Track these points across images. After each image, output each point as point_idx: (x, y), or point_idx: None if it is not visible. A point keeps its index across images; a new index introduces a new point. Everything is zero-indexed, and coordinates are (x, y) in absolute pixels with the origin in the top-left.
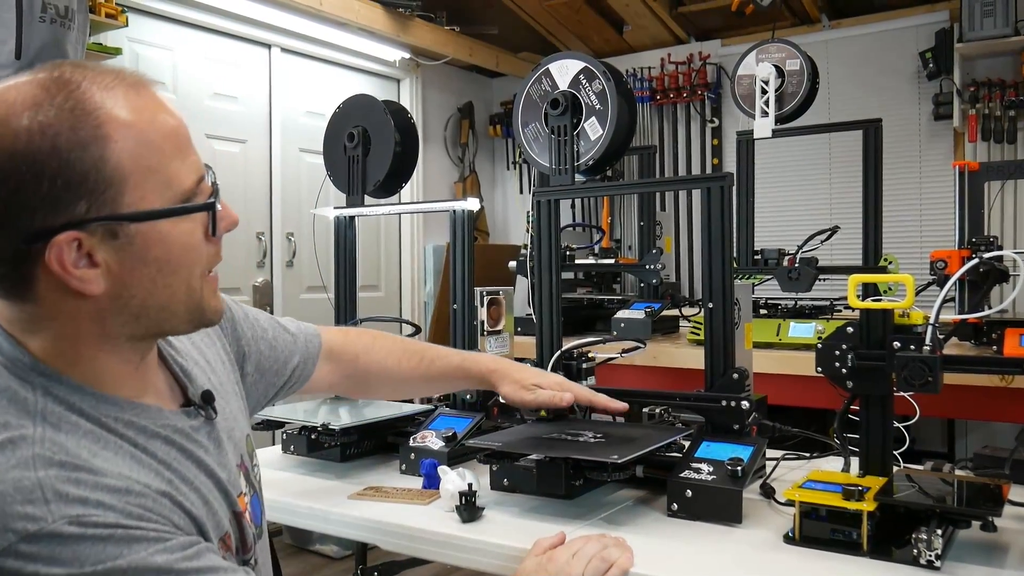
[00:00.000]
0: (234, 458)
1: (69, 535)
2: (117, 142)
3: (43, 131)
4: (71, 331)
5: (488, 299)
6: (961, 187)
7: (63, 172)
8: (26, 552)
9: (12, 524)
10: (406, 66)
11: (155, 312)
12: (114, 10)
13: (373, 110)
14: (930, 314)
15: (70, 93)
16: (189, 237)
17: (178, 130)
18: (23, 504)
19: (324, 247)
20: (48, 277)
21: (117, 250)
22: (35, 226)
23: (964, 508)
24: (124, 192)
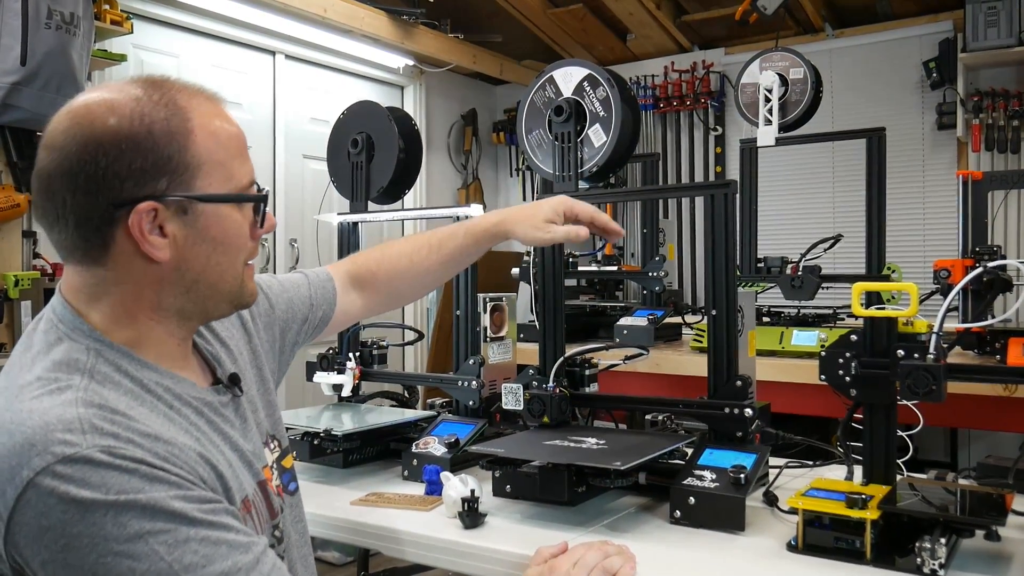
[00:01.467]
0: (259, 435)
1: (100, 461)
2: (197, 136)
3: (142, 118)
4: (132, 297)
5: (491, 305)
6: (965, 196)
7: (153, 152)
8: (61, 472)
9: (52, 448)
10: (410, 73)
11: (204, 288)
12: (119, 17)
13: (377, 116)
14: (933, 323)
15: (165, 93)
16: (239, 227)
17: (240, 137)
18: (63, 432)
19: (327, 253)
20: (124, 242)
21: (184, 225)
22: (124, 194)
23: (968, 517)
24: (197, 177)
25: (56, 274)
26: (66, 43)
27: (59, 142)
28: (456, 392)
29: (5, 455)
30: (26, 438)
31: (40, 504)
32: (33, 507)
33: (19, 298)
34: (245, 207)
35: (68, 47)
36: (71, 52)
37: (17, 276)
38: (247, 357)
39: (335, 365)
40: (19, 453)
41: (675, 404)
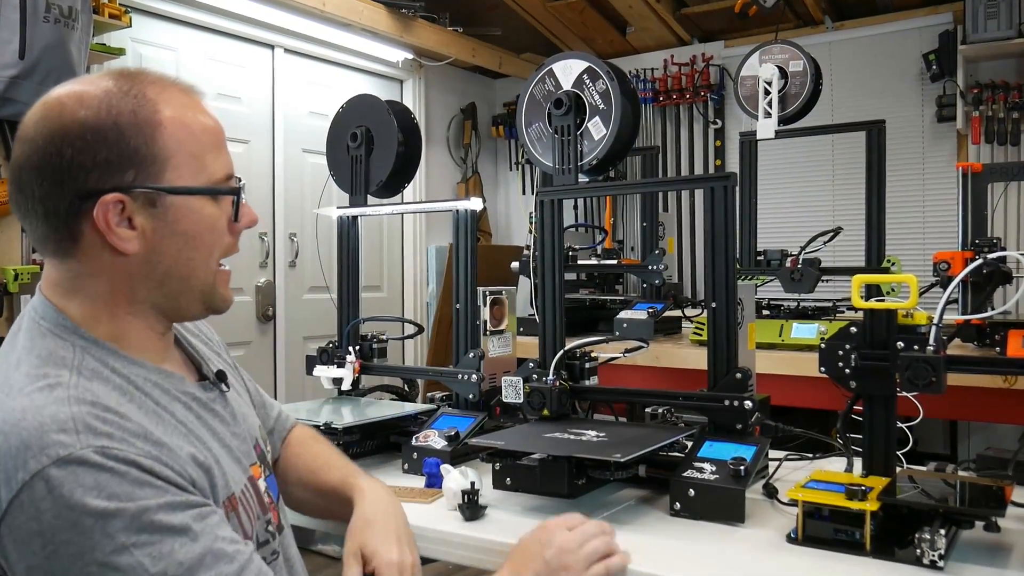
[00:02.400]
0: (249, 436)
1: (93, 463)
2: (166, 128)
3: (109, 110)
4: (106, 290)
5: (491, 299)
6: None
7: (119, 144)
8: (56, 476)
9: (47, 449)
10: (409, 67)
11: (176, 283)
12: (117, 10)
13: (376, 110)
14: (933, 315)
15: (134, 85)
16: (214, 221)
17: (215, 130)
18: (57, 432)
19: (327, 247)
20: (92, 234)
21: (153, 217)
22: (89, 185)
23: (967, 508)
24: (166, 170)
25: None
26: (64, 37)
27: (30, 134)
28: (456, 385)
29: (9, 452)
30: (21, 440)
31: (32, 508)
32: (26, 510)
33: (19, 292)
34: (222, 201)
35: (66, 41)
36: (69, 46)
37: (16, 270)
38: (229, 361)
39: (335, 359)
40: (15, 456)
41: (675, 397)
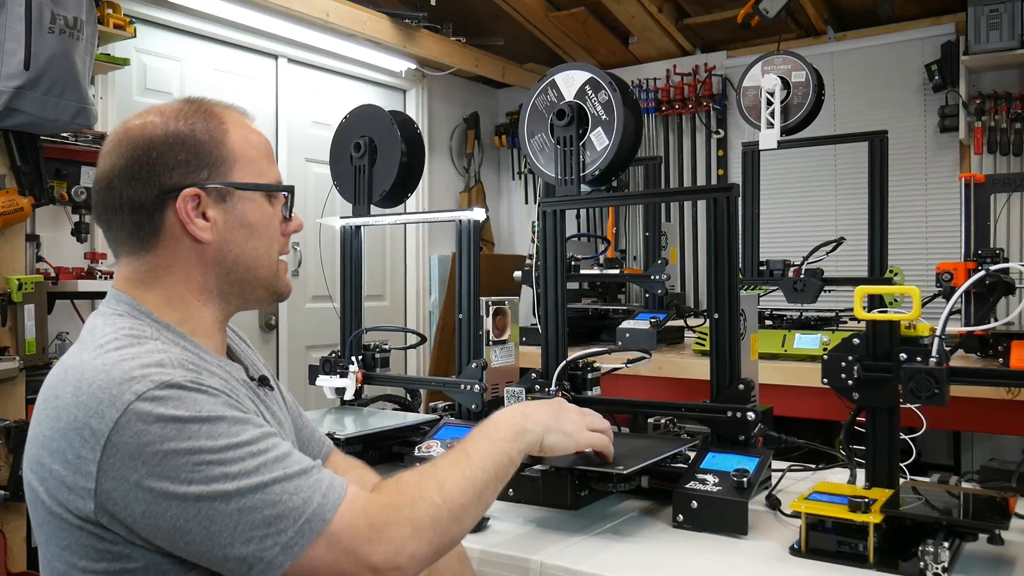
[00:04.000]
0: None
1: (190, 387)
2: (231, 137)
3: (185, 121)
4: (181, 279)
5: (493, 309)
6: (967, 199)
7: (195, 147)
8: (158, 395)
9: (149, 376)
10: (412, 77)
11: (243, 271)
12: (122, 21)
13: (379, 120)
14: (936, 326)
15: (202, 105)
16: (271, 218)
17: (267, 144)
18: (155, 367)
19: (330, 257)
20: (173, 225)
21: (223, 211)
22: (171, 181)
23: (971, 521)
24: (233, 169)
25: (60, 277)
26: (69, 47)
27: (116, 148)
28: (459, 396)
29: (104, 386)
30: (123, 372)
31: (139, 424)
32: (132, 427)
33: (22, 302)
34: (275, 204)
35: (71, 51)
36: (74, 56)
37: (20, 280)
38: (269, 370)
39: (338, 369)
40: (119, 383)
41: (677, 407)
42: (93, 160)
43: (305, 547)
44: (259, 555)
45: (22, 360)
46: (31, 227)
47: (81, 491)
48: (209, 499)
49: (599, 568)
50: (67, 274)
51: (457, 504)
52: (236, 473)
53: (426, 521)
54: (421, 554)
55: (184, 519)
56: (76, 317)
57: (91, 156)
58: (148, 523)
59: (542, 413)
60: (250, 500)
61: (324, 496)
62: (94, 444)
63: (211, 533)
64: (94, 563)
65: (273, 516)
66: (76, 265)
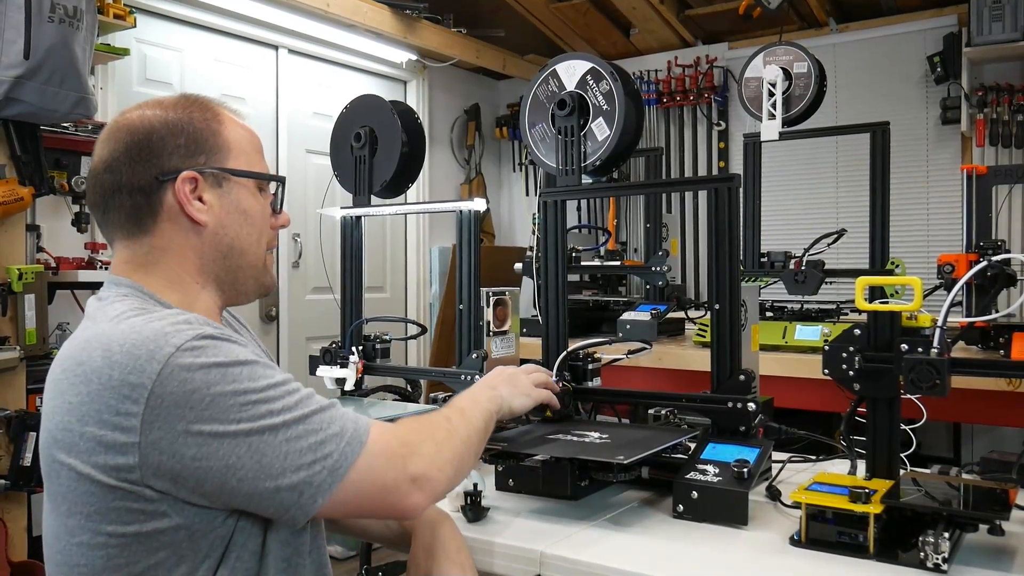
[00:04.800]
0: None
1: (221, 337)
2: (226, 127)
3: (183, 110)
4: (178, 262)
5: (494, 300)
6: (969, 191)
7: (192, 134)
8: (196, 346)
9: (183, 332)
10: (413, 68)
11: (236, 257)
12: (122, 11)
13: (380, 110)
14: (937, 317)
15: (197, 99)
16: (263, 207)
17: (259, 141)
18: (185, 323)
19: (330, 248)
20: (171, 207)
21: (219, 195)
22: (171, 164)
23: (971, 511)
24: (229, 157)
25: (60, 267)
26: (69, 37)
27: (114, 135)
28: (459, 386)
29: (139, 343)
30: (154, 330)
31: (181, 374)
32: (176, 377)
33: (23, 292)
34: (265, 197)
35: (71, 41)
36: (74, 46)
37: (21, 269)
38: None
39: (338, 359)
40: (154, 339)
41: (678, 399)
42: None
43: (348, 468)
44: (308, 480)
45: (22, 350)
46: (31, 217)
47: (123, 447)
48: (259, 433)
49: (599, 558)
50: (67, 264)
51: (464, 434)
52: (280, 409)
53: (445, 439)
54: (446, 469)
55: (236, 455)
56: (76, 307)
57: (91, 146)
58: (199, 465)
59: (502, 383)
60: (295, 431)
61: (356, 423)
62: (136, 398)
63: (263, 465)
64: (124, 526)
65: (317, 443)
66: (76, 255)
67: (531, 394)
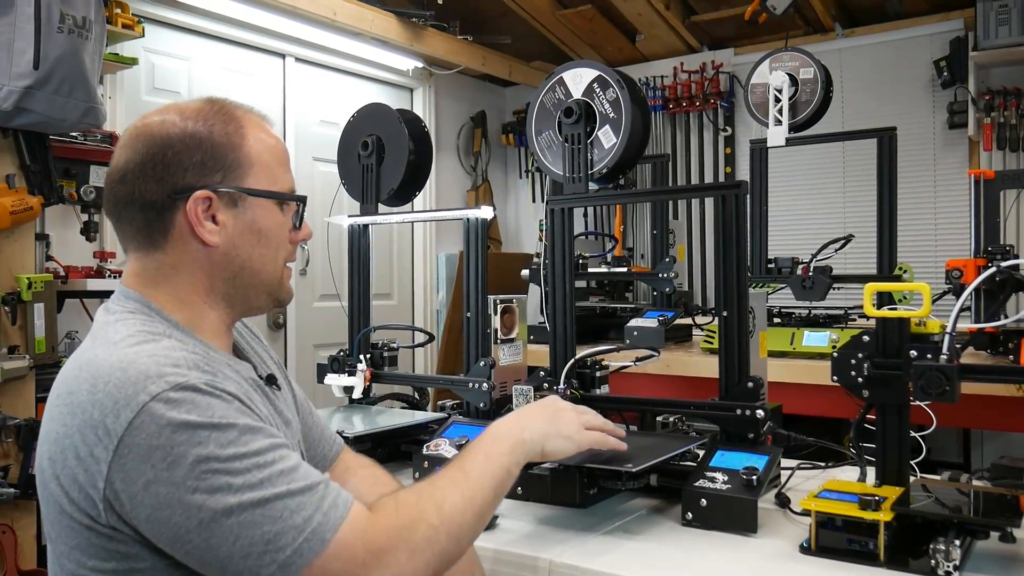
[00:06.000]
0: (293, 438)
1: (205, 391)
2: (249, 142)
3: (204, 122)
4: (187, 281)
5: (501, 307)
6: (977, 196)
7: (210, 150)
8: (173, 397)
9: (165, 377)
10: (419, 75)
11: (248, 276)
12: (131, 20)
13: (387, 119)
14: (946, 323)
15: (223, 107)
16: (281, 226)
17: (285, 152)
18: (172, 366)
19: (337, 255)
20: (182, 226)
21: (234, 216)
22: (184, 182)
23: (982, 519)
24: (248, 175)
25: (69, 276)
26: (78, 47)
27: (133, 143)
28: (467, 394)
29: (122, 384)
30: (140, 371)
31: (152, 426)
32: (145, 429)
33: (32, 300)
34: (286, 211)
35: (80, 51)
36: (83, 56)
37: (30, 278)
38: (279, 366)
39: (346, 367)
40: (135, 382)
41: (686, 406)
42: (102, 159)
43: (302, 567)
44: (256, 571)
45: (32, 359)
46: (40, 226)
47: (92, 489)
48: (211, 511)
49: (608, 566)
50: (76, 273)
51: (455, 524)
52: (240, 485)
53: (423, 544)
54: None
55: (186, 528)
56: (85, 316)
57: (100, 155)
58: (152, 527)
59: (539, 420)
60: (251, 515)
61: (325, 515)
62: (107, 443)
63: (211, 545)
64: (104, 563)
65: (273, 533)
66: (85, 264)
67: (574, 437)
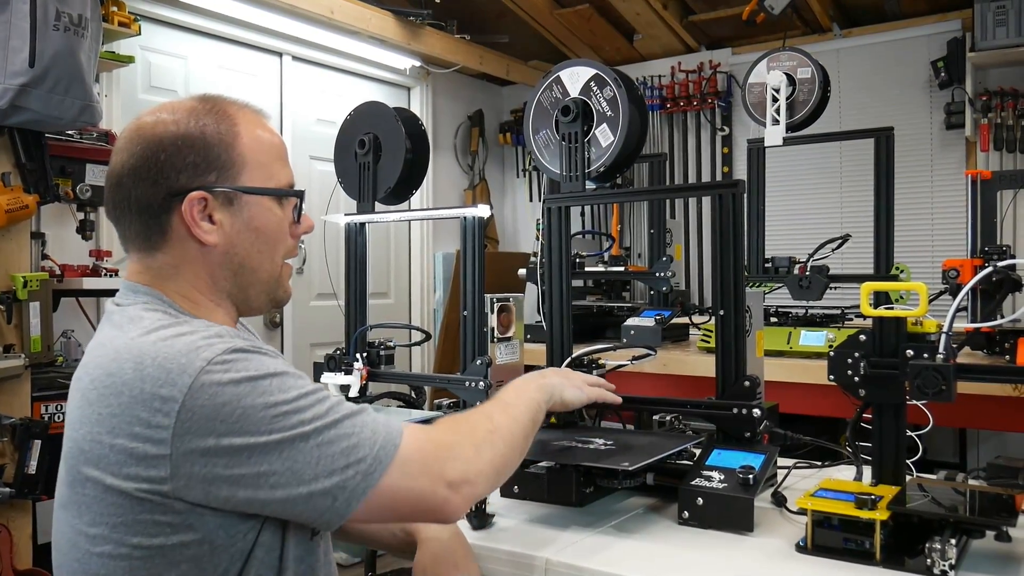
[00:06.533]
0: None
1: (251, 350)
2: (243, 139)
3: (196, 122)
4: (189, 279)
5: (498, 306)
6: (973, 196)
7: (204, 150)
8: (226, 359)
9: (214, 345)
10: (416, 74)
11: (248, 274)
12: (127, 19)
13: (384, 117)
14: (943, 323)
15: (216, 105)
16: (279, 222)
17: (281, 146)
18: (216, 336)
19: (334, 254)
20: (179, 227)
21: (231, 214)
22: (179, 184)
23: (978, 518)
24: (242, 174)
25: (65, 275)
26: (74, 45)
27: (128, 146)
28: (463, 393)
29: (171, 357)
30: (186, 344)
31: (213, 387)
32: (206, 391)
33: (27, 299)
34: (285, 206)
35: (76, 49)
36: (79, 54)
37: (26, 277)
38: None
39: (342, 366)
40: (185, 353)
41: (683, 404)
42: (98, 158)
43: (382, 472)
44: (342, 485)
45: (27, 358)
46: (36, 225)
47: (154, 459)
48: (290, 441)
49: (604, 565)
50: (72, 272)
51: (507, 433)
52: (311, 418)
53: (484, 443)
54: (486, 472)
55: (268, 463)
56: (81, 315)
57: (96, 154)
58: (231, 474)
59: (552, 375)
60: (327, 436)
61: (388, 427)
62: (167, 411)
63: (295, 471)
64: (150, 539)
65: (350, 447)
66: (81, 263)
67: (584, 389)
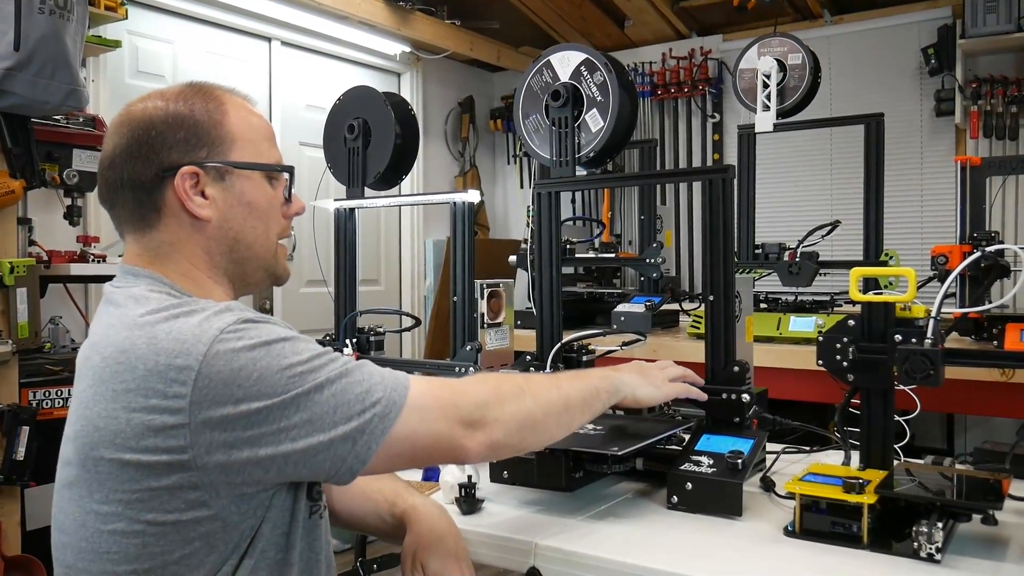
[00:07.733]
0: None
1: (260, 319)
2: (231, 118)
3: (185, 102)
4: (187, 257)
5: (488, 292)
6: (963, 182)
7: (193, 127)
8: (238, 328)
9: (225, 316)
10: (406, 60)
11: (243, 249)
12: (113, 2)
13: (373, 102)
14: (931, 308)
15: (202, 88)
16: (271, 199)
17: (269, 129)
18: (226, 310)
19: (324, 241)
20: (173, 203)
21: (222, 189)
22: (170, 160)
23: (965, 502)
24: (232, 150)
25: (52, 261)
26: (60, 28)
27: (119, 129)
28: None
29: (184, 330)
30: (199, 317)
31: (228, 354)
32: (221, 357)
33: (15, 285)
34: (276, 186)
35: (62, 32)
36: (65, 38)
37: (12, 263)
38: None
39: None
40: (199, 324)
41: None
42: (85, 143)
43: (398, 413)
44: (361, 428)
45: (15, 344)
46: (23, 210)
47: (173, 429)
48: (306, 394)
49: (594, 549)
50: (60, 258)
51: (541, 395)
52: (324, 373)
53: (510, 395)
54: (503, 420)
55: (287, 418)
56: (69, 301)
57: (83, 139)
58: (251, 434)
59: (628, 371)
60: (340, 384)
61: (394, 373)
62: (184, 380)
63: (314, 422)
64: (164, 515)
65: (363, 392)
66: (69, 248)
67: (661, 387)
